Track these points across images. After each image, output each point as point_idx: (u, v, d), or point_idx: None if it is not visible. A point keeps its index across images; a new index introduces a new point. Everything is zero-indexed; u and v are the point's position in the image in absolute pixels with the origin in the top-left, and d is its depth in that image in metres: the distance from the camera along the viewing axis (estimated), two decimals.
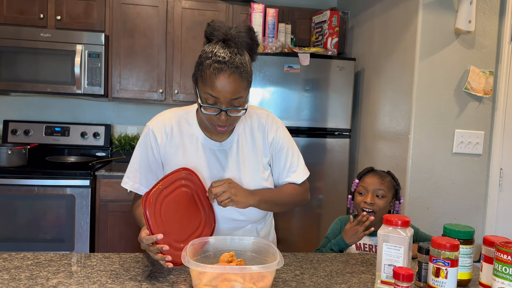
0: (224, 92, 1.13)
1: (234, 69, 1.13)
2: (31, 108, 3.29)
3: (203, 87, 1.16)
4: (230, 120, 1.19)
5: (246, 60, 1.18)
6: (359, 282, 1.16)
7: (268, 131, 1.36)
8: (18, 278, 1.07)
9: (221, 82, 1.12)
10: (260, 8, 2.95)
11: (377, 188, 1.46)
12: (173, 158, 1.30)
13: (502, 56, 2.23)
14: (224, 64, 1.12)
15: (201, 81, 1.16)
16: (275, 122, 1.38)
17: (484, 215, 2.30)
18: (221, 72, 1.12)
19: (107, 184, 2.78)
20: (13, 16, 2.90)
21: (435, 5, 2.16)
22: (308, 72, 2.83)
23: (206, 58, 1.15)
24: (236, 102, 1.17)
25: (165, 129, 1.31)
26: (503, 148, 2.25)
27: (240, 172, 1.31)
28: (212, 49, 1.16)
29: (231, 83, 1.13)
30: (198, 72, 1.17)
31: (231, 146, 1.32)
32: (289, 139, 1.40)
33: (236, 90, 1.14)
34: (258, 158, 1.34)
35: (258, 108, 1.42)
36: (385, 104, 2.56)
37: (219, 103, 1.15)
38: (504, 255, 1.00)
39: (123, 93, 3.05)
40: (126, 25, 3.00)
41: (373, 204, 1.44)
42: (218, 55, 1.13)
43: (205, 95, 1.16)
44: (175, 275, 1.14)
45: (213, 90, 1.13)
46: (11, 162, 2.76)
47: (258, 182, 1.32)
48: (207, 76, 1.13)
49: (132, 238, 2.82)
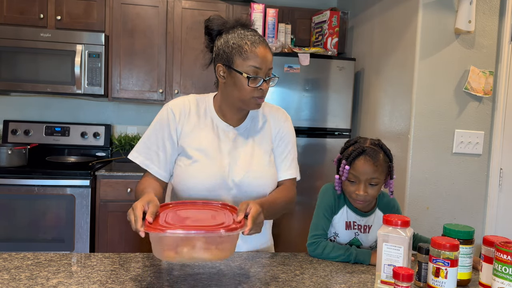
0: (265, 61, 1.26)
1: (265, 43, 1.29)
2: (31, 108, 3.29)
3: (243, 62, 1.25)
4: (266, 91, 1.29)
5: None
6: (359, 282, 1.16)
7: (277, 123, 1.43)
8: (18, 278, 1.07)
9: (261, 52, 1.25)
10: (260, 8, 2.95)
11: (371, 177, 1.29)
12: (188, 136, 1.35)
13: (502, 56, 2.23)
14: (258, 39, 1.27)
15: (240, 57, 1.26)
16: (286, 116, 1.47)
17: (484, 215, 2.30)
18: (259, 44, 1.26)
19: (107, 184, 2.78)
20: (13, 16, 2.90)
21: (435, 5, 2.17)
22: (308, 72, 2.83)
23: (240, 39, 1.26)
24: (270, 72, 1.29)
25: (184, 108, 1.37)
26: (503, 148, 2.25)
27: (251, 157, 1.36)
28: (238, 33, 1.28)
29: (268, 53, 1.27)
30: (233, 53, 1.26)
31: (244, 131, 1.39)
32: (292, 136, 1.47)
33: (271, 59, 1.29)
34: (267, 143, 1.41)
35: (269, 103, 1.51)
36: (385, 104, 2.56)
37: (261, 73, 1.26)
38: (504, 255, 1.00)
39: (123, 93, 3.05)
40: (126, 25, 3.00)
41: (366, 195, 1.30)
42: (247, 35, 1.27)
43: (247, 68, 1.25)
44: (175, 275, 1.14)
45: (256, 61, 1.25)
46: (11, 162, 2.76)
47: (265, 168, 1.37)
48: (248, 51, 1.25)
49: (132, 238, 2.82)
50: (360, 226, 1.38)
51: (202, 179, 1.31)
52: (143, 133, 3.39)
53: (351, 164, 1.30)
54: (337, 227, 1.38)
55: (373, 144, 1.34)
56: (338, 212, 1.37)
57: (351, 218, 1.37)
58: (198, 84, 3.11)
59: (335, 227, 1.39)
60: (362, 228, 1.38)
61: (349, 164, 1.30)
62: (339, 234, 1.38)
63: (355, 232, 1.38)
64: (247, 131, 1.39)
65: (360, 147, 1.31)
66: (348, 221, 1.38)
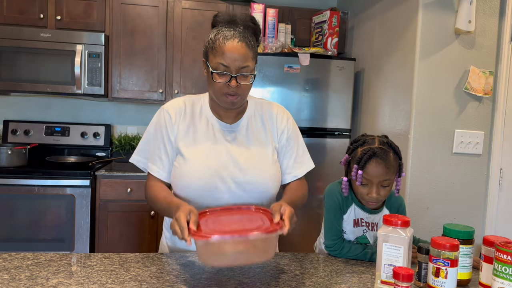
0: (233, 58, 1.21)
1: (241, 37, 1.22)
2: (31, 108, 3.29)
3: (214, 58, 1.23)
4: (240, 89, 1.24)
5: (251, 37, 1.26)
6: (359, 282, 1.16)
7: (278, 120, 1.41)
8: (18, 278, 1.07)
9: (230, 48, 1.21)
10: (260, 8, 2.95)
11: (383, 179, 1.28)
12: (184, 136, 1.34)
13: (502, 56, 2.23)
14: (232, 34, 1.22)
15: (211, 53, 1.24)
16: (286, 113, 1.44)
17: (484, 215, 2.30)
18: (230, 39, 1.21)
19: (107, 184, 2.78)
20: (13, 16, 2.90)
21: (435, 5, 2.17)
22: (308, 72, 2.83)
23: (216, 34, 1.24)
24: (244, 70, 1.23)
25: (180, 108, 1.37)
26: (503, 148, 2.25)
27: (251, 153, 1.34)
28: (220, 28, 1.26)
29: (239, 49, 1.21)
30: (208, 48, 1.25)
31: (241, 129, 1.37)
32: (297, 130, 1.46)
33: (244, 57, 1.22)
34: (268, 141, 1.38)
35: (267, 101, 1.47)
36: (385, 104, 2.56)
37: (229, 71, 1.22)
38: (504, 255, 1.00)
39: (123, 93, 3.05)
40: (126, 25, 3.00)
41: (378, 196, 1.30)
42: (225, 30, 1.24)
43: (216, 65, 1.23)
44: (175, 275, 1.14)
45: (223, 57, 1.21)
46: (11, 162, 2.76)
47: (267, 163, 1.35)
48: (217, 46, 1.22)
49: (132, 238, 2.83)
50: (368, 223, 1.38)
51: (196, 179, 1.29)
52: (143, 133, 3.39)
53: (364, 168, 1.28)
54: (345, 224, 1.38)
55: (382, 143, 1.32)
56: (347, 211, 1.38)
57: (359, 215, 1.38)
58: (198, 84, 3.11)
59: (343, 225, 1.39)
60: (370, 225, 1.39)
61: (361, 168, 1.28)
62: (346, 231, 1.39)
63: (363, 230, 1.39)
64: (244, 128, 1.37)
65: (370, 149, 1.28)
66: (356, 219, 1.38)
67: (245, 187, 1.31)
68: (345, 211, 1.37)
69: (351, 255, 1.34)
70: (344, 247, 1.35)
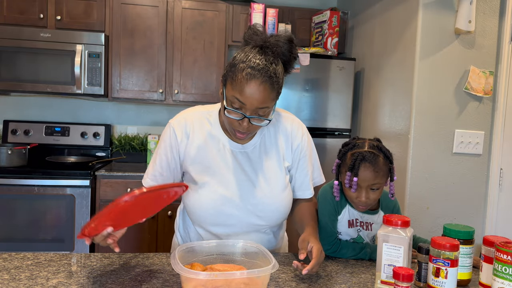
0: (252, 99, 1.11)
1: (266, 78, 1.11)
2: (31, 108, 3.29)
3: (231, 89, 1.14)
4: (251, 128, 1.17)
5: (279, 71, 1.16)
6: (359, 282, 1.16)
7: (293, 137, 1.35)
8: (18, 278, 1.07)
9: (251, 88, 1.11)
10: (260, 8, 2.95)
11: (372, 183, 1.27)
12: (195, 159, 1.29)
13: (502, 56, 2.23)
14: (257, 71, 1.10)
15: (230, 83, 1.14)
16: (301, 127, 1.37)
17: (484, 215, 2.30)
18: (253, 78, 1.10)
19: (107, 184, 2.78)
20: (13, 16, 2.90)
21: (435, 5, 2.17)
22: (308, 72, 2.83)
23: (241, 62, 1.13)
24: (261, 112, 1.15)
25: (186, 128, 1.29)
26: (503, 148, 2.25)
27: (264, 178, 1.29)
28: (249, 53, 1.14)
29: (260, 92, 1.11)
30: (229, 73, 1.15)
31: (253, 149, 1.31)
32: (312, 145, 1.40)
33: (264, 100, 1.13)
34: (280, 163, 1.32)
35: (282, 110, 1.40)
36: (385, 104, 2.56)
37: (244, 109, 1.14)
38: (504, 255, 1.00)
39: (123, 93, 3.05)
40: (126, 25, 3.00)
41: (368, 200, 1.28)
42: (253, 60, 1.12)
43: (232, 98, 1.14)
44: (175, 275, 1.14)
45: (241, 95, 1.12)
46: (11, 162, 2.76)
47: (280, 189, 1.31)
48: (238, 80, 1.12)
49: (132, 238, 2.82)
50: (362, 223, 1.37)
51: (208, 207, 1.26)
52: (143, 133, 3.41)
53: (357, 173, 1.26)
54: (339, 226, 1.38)
55: (372, 147, 1.30)
56: (341, 212, 1.37)
57: (353, 216, 1.37)
58: (198, 84, 3.11)
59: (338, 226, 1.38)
60: (364, 225, 1.38)
61: (355, 175, 1.25)
62: (341, 232, 1.38)
63: (357, 230, 1.38)
64: (256, 149, 1.31)
65: (359, 154, 1.27)
66: (351, 219, 1.37)
67: (258, 214, 1.29)
68: (339, 212, 1.37)
69: (350, 255, 1.34)
70: (342, 248, 1.34)
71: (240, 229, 1.30)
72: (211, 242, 1.17)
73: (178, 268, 0.97)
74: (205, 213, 1.27)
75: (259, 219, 1.29)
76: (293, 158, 1.35)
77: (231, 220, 1.28)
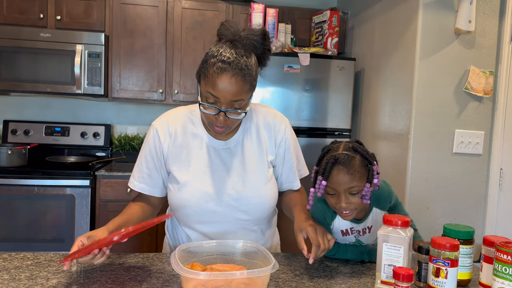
0: (224, 92, 1.12)
1: (237, 70, 1.12)
2: (31, 108, 3.29)
3: (205, 85, 1.15)
4: (228, 121, 1.18)
5: (252, 63, 1.16)
6: (359, 282, 1.16)
7: (276, 131, 1.35)
8: (18, 278, 1.07)
9: (223, 82, 1.11)
10: (260, 8, 2.95)
11: (348, 186, 1.18)
12: (178, 158, 1.30)
13: (502, 56, 2.23)
14: (227, 64, 1.11)
15: (203, 78, 1.15)
16: (283, 121, 1.38)
17: (484, 215, 2.30)
18: (224, 71, 1.11)
19: (107, 184, 2.78)
20: (13, 16, 2.90)
21: (435, 5, 2.16)
22: (308, 72, 2.83)
23: (212, 57, 1.14)
24: (236, 104, 1.15)
25: (169, 129, 1.31)
26: (503, 148, 2.25)
27: (246, 172, 1.30)
28: (219, 48, 1.15)
29: (233, 84, 1.12)
30: (202, 69, 1.16)
31: (236, 145, 1.31)
32: (295, 138, 1.42)
33: (237, 92, 1.13)
34: (263, 157, 1.33)
35: (263, 106, 1.41)
36: (385, 104, 2.56)
37: (219, 103, 1.14)
38: (504, 255, 1.00)
39: (123, 93, 3.05)
40: (126, 25, 3.00)
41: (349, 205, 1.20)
42: (223, 54, 1.13)
43: (206, 94, 1.15)
44: (175, 275, 1.14)
45: (214, 89, 1.12)
46: (11, 162, 2.76)
47: (263, 182, 1.32)
48: (210, 75, 1.13)
49: (132, 238, 2.82)
50: (359, 231, 1.33)
51: (192, 204, 1.27)
52: (143, 133, 3.41)
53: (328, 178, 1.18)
54: (334, 235, 1.33)
55: (346, 149, 1.21)
56: (331, 223, 1.31)
57: (346, 226, 1.31)
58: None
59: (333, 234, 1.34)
60: (361, 231, 1.34)
61: (326, 179, 1.17)
62: (337, 239, 1.34)
63: (354, 236, 1.34)
64: (239, 145, 1.31)
65: (332, 157, 1.19)
66: (344, 229, 1.32)
67: (242, 209, 1.29)
68: (329, 223, 1.31)
69: (349, 258, 1.33)
70: (340, 251, 1.32)
71: (226, 226, 1.30)
72: (211, 242, 1.17)
73: (178, 268, 0.97)
74: (189, 210, 1.28)
75: (244, 213, 1.30)
76: (277, 152, 1.36)
77: (215, 216, 1.28)
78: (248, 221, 1.32)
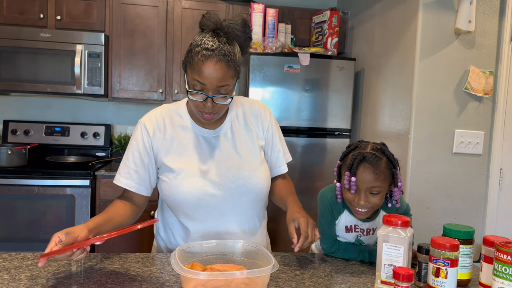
0: (210, 78, 1.16)
1: (221, 56, 1.16)
2: (31, 108, 3.29)
3: (191, 73, 1.19)
4: (216, 108, 1.22)
5: (235, 50, 1.21)
6: (359, 282, 1.16)
7: (262, 118, 1.41)
8: (18, 278, 1.07)
9: (208, 68, 1.16)
10: (260, 8, 2.95)
11: (371, 185, 1.21)
12: (170, 150, 1.31)
13: (502, 56, 2.23)
14: (211, 52, 1.16)
15: (189, 67, 1.20)
16: (267, 109, 1.45)
17: (484, 215, 2.30)
18: (208, 58, 1.15)
19: (107, 184, 2.78)
20: (13, 16, 2.90)
21: (435, 5, 2.17)
22: (308, 72, 2.83)
23: (196, 46, 1.18)
24: (222, 90, 1.19)
25: (157, 123, 1.33)
26: (503, 148, 2.25)
27: (239, 155, 1.33)
28: (202, 37, 1.20)
29: (217, 70, 1.16)
30: (187, 58, 1.21)
31: (225, 132, 1.35)
32: (278, 125, 1.48)
33: (222, 77, 1.17)
34: (254, 141, 1.37)
35: (244, 97, 1.48)
36: (385, 104, 2.56)
37: (205, 90, 1.18)
38: (504, 255, 1.00)
39: (123, 93, 3.05)
40: (126, 25, 3.00)
41: (367, 204, 1.23)
42: (206, 43, 1.17)
43: (192, 82, 1.19)
44: (175, 275, 1.14)
45: (200, 76, 1.16)
46: (11, 162, 2.76)
47: (257, 162, 1.35)
48: (195, 63, 1.17)
49: (132, 238, 2.82)
50: (363, 230, 1.35)
51: (188, 192, 1.27)
52: None
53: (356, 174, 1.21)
54: (337, 229, 1.36)
55: (375, 149, 1.25)
56: (337, 217, 1.34)
57: (352, 222, 1.34)
58: None
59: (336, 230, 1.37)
60: (365, 231, 1.35)
61: (354, 175, 1.21)
62: (339, 236, 1.37)
63: (357, 235, 1.36)
64: (228, 131, 1.35)
65: (360, 154, 1.23)
66: (349, 225, 1.35)
67: (240, 190, 1.30)
68: (335, 217, 1.34)
69: (349, 257, 1.33)
70: (340, 250, 1.34)
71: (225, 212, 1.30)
72: (211, 242, 1.17)
73: (178, 268, 0.97)
74: (187, 196, 1.27)
75: (243, 195, 1.31)
76: (266, 137, 1.42)
77: (215, 200, 1.28)
78: (247, 203, 1.33)
